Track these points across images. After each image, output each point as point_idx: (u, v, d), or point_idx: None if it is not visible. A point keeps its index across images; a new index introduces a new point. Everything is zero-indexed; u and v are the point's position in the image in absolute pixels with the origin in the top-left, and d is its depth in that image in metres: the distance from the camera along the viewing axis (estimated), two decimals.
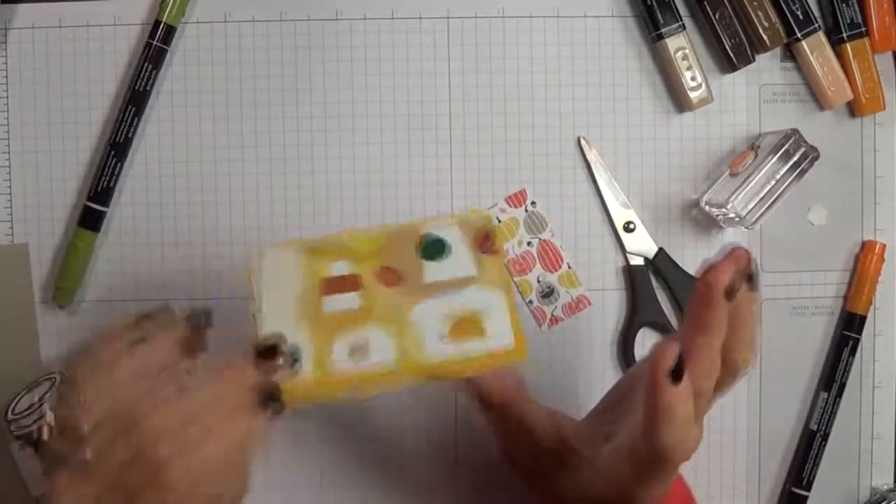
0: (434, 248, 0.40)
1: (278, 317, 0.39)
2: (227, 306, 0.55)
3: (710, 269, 0.34)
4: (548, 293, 0.56)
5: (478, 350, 0.39)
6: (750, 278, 0.34)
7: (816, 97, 0.57)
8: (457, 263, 0.40)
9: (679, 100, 0.56)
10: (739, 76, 0.57)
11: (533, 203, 0.56)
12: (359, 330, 0.39)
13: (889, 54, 0.57)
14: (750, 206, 0.52)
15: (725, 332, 0.35)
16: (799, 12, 0.55)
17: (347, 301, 0.39)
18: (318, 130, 0.56)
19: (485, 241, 0.40)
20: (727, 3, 0.55)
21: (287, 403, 0.37)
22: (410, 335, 0.39)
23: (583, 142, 0.56)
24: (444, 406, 0.56)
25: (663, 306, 0.56)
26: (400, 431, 0.56)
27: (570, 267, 0.56)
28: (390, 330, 0.39)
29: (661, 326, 0.56)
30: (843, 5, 0.55)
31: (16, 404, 0.53)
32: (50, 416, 0.36)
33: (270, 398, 0.37)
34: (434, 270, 0.40)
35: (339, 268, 0.40)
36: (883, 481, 0.58)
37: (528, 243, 0.56)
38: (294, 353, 0.38)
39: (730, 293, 0.34)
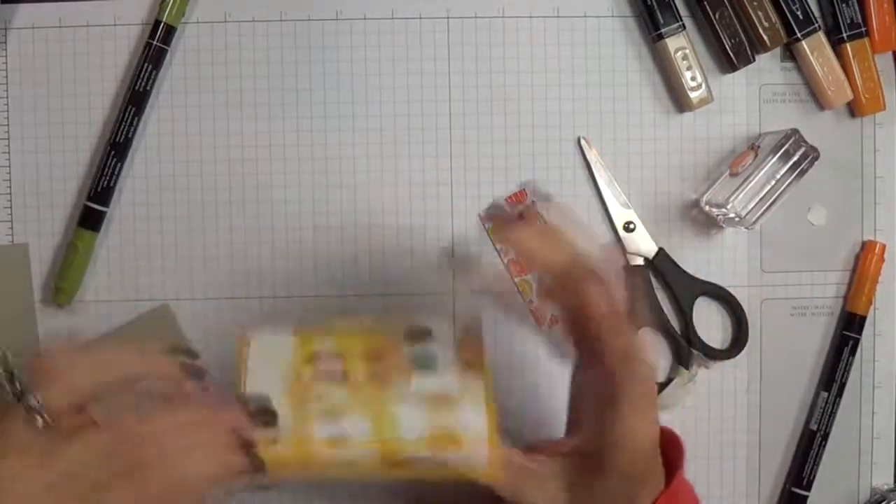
0: (423, 361, 0.40)
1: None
2: (226, 306, 0.55)
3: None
4: None
5: (453, 462, 0.39)
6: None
7: (816, 97, 0.57)
8: (442, 378, 0.40)
9: (679, 100, 0.56)
10: (739, 76, 0.57)
11: (533, 203, 0.56)
12: (340, 417, 0.39)
13: (889, 54, 0.57)
14: (750, 206, 0.52)
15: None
16: (799, 12, 0.55)
17: (334, 393, 0.39)
18: (318, 130, 0.56)
19: (469, 346, 0.40)
20: (727, 3, 0.55)
21: (263, 463, 0.37)
22: (390, 426, 0.39)
23: (583, 142, 0.56)
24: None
25: (663, 306, 0.57)
26: None
27: None
28: (371, 418, 0.39)
29: (662, 326, 0.56)
30: (843, 5, 0.55)
31: None
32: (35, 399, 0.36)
33: (249, 446, 0.38)
34: (421, 381, 0.40)
35: (328, 359, 0.39)
36: (883, 481, 0.58)
37: None
38: (274, 421, 0.38)
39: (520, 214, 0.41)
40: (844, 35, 0.55)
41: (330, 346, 0.40)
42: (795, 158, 0.52)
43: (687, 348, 0.56)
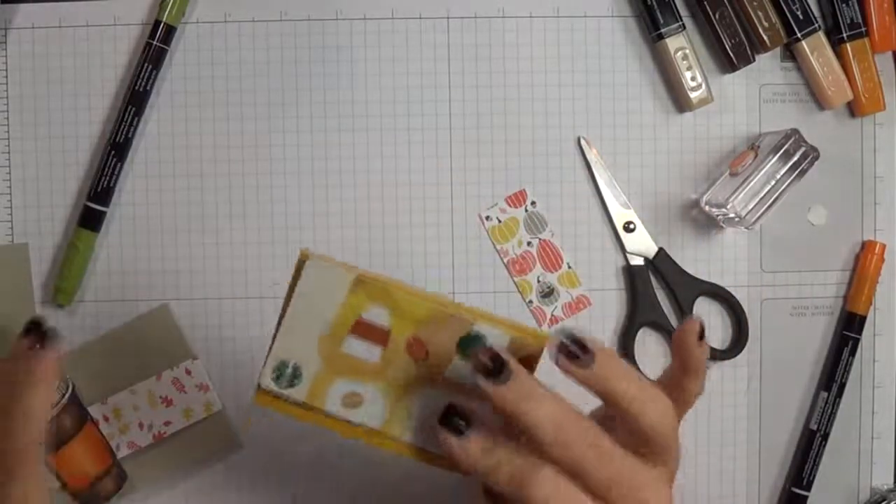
0: (473, 346, 0.38)
1: (301, 329, 0.38)
2: (227, 306, 0.55)
3: (684, 327, 0.40)
4: (548, 293, 0.56)
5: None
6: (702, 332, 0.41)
7: (816, 97, 0.57)
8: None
9: (679, 100, 0.56)
10: (739, 76, 0.57)
11: (533, 203, 0.56)
12: (362, 383, 0.38)
13: (889, 54, 0.57)
14: (750, 206, 0.52)
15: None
16: (799, 12, 0.55)
17: (368, 351, 0.38)
18: (318, 130, 0.56)
19: (526, 364, 0.38)
20: (727, 3, 0.55)
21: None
22: (404, 412, 0.38)
23: (583, 142, 0.56)
24: None
25: (663, 306, 0.57)
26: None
27: (570, 267, 0.56)
28: (390, 397, 0.38)
29: (661, 327, 0.56)
30: (843, 5, 0.55)
31: None
32: None
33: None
34: (460, 368, 0.38)
35: (378, 314, 0.38)
36: (883, 481, 0.58)
37: (528, 243, 0.56)
38: (296, 372, 0.38)
39: (702, 336, 0.40)
40: (844, 35, 0.55)
41: (383, 308, 0.38)
42: (795, 158, 0.52)
43: None
